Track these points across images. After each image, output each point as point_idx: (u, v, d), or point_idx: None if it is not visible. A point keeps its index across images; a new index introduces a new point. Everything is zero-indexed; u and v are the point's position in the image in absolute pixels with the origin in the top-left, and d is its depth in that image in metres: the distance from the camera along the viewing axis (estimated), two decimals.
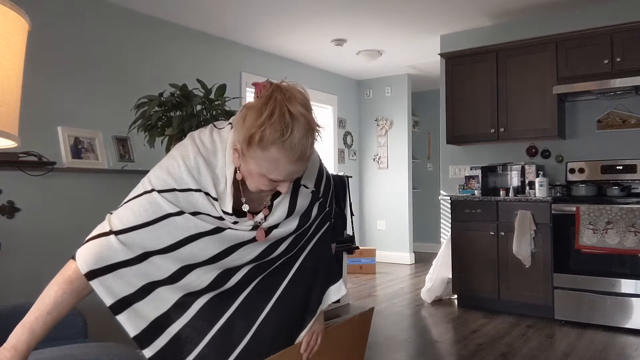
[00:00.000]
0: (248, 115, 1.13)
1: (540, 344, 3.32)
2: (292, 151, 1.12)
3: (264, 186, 1.19)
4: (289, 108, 1.11)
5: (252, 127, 1.10)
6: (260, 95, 1.14)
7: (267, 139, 1.10)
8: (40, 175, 2.29)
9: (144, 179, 1.23)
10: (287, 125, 1.10)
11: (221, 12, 4.40)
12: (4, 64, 0.88)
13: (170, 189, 1.19)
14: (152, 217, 1.19)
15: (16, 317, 1.72)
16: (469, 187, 4.66)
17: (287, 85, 1.16)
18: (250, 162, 1.15)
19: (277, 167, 1.14)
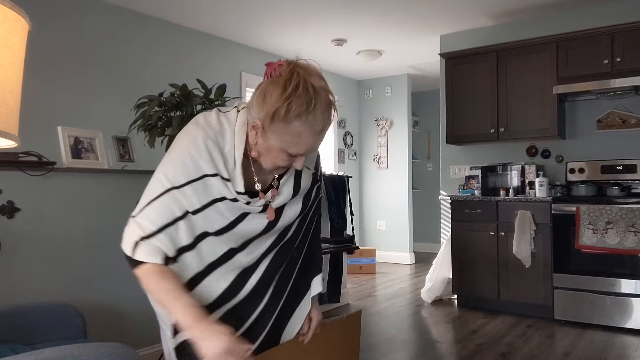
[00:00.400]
0: (270, 91, 1.17)
1: (540, 344, 3.32)
2: (314, 124, 1.17)
3: (282, 161, 1.23)
4: (311, 82, 1.17)
5: (278, 102, 1.14)
6: (274, 74, 1.18)
7: (293, 112, 1.14)
8: (40, 175, 2.29)
9: (159, 176, 1.24)
10: (311, 99, 1.15)
11: (221, 12, 4.40)
12: (4, 64, 0.88)
13: (187, 182, 1.21)
14: (177, 214, 1.22)
15: (16, 317, 1.73)
16: (469, 187, 4.66)
17: (304, 62, 1.21)
18: (272, 137, 1.19)
19: (299, 141, 1.19)
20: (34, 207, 2.31)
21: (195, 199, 1.22)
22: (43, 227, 2.35)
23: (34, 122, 3.39)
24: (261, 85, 1.21)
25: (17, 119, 0.95)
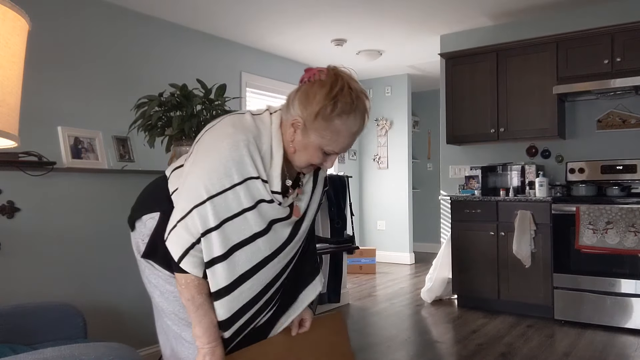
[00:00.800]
0: (314, 91, 1.28)
1: (540, 344, 3.32)
2: (354, 123, 1.30)
3: (317, 159, 1.33)
4: (354, 86, 1.30)
5: (324, 100, 1.26)
6: (313, 78, 1.30)
7: (337, 110, 1.26)
8: (40, 175, 2.29)
9: (199, 182, 1.26)
10: (353, 100, 1.28)
11: (221, 12, 4.40)
12: (4, 64, 0.88)
13: (231, 186, 1.25)
14: (212, 225, 1.25)
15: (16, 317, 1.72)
16: (469, 187, 4.66)
17: (344, 68, 1.34)
18: (312, 135, 1.30)
19: (337, 139, 1.30)
20: (34, 207, 2.31)
21: (235, 204, 1.26)
22: (43, 227, 2.35)
23: (34, 122, 3.38)
24: (301, 87, 1.32)
25: (17, 119, 0.95)
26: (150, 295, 1.48)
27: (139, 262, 1.48)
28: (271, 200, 1.31)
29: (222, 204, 1.24)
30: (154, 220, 1.42)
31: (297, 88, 1.33)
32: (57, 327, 1.77)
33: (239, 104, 5.11)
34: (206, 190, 1.24)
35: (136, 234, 1.46)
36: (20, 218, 2.25)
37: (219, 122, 1.35)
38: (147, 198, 1.50)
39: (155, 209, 1.42)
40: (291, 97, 1.33)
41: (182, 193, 1.30)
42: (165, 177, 1.47)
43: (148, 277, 1.45)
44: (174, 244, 1.27)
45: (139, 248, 1.45)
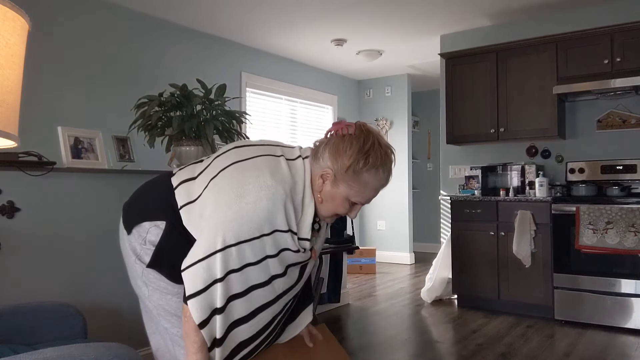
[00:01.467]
0: (345, 146, 1.34)
1: (540, 344, 3.32)
2: (382, 177, 1.38)
3: (343, 209, 1.40)
4: (383, 142, 1.38)
5: (357, 155, 1.33)
6: (341, 132, 1.37)
7: (368, 165, 1.34)
8: (40, 175, 2.29)
9: (226, 228, 1.27)
10: (382, 156, 1.36)
11: (221, 12, 4.40)
12: (4, 64, 0.88)
13: (260, 235, 1.28)
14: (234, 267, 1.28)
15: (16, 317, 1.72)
16: (469, 187, 4.66)
17: (371, 125, 1.42)
18: (341, 186, 1.36)
19: (364, 191, 1.38)
20: (34, 207, 2.31)
21: (260, 252, 1.29)
22: (43, 227, 2.35)
23: (34, 122, 3.39)
24: (331, 140, 1.38)
25: (17, 119, 0.95)
26: (144, 297, 1.45)
27: (134, 264, 1.44)
28: (297, 250, 1.35)
29: (247, 251, 1.27)
30: (159, 229, 1.39)
31: (326, 139, 1.40)
32: (57, 327, 1.77)
33: (239, 104, 5.11)
34: (235, 237, 1.26)
35: (133, 237, 1.43)
36: (20, 218, 2.25)
37: (251, 160, 1.35)
38: (149, 204, 1.46)
39: (160, 217, 1.39)
40: (320, 148, 1.39)
41: (208, 230, 1.28)
42: (170, 184, 1.43)
43: (147, 280, 1.42)
44: (190, 280, 1.27)
45: (135, 251, 1.42)
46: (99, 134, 2.66)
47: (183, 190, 1.40)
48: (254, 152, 1.38)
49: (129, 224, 1.45)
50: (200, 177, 1.40)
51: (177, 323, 1.40)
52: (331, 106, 6.66)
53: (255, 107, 5.54)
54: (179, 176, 1.45)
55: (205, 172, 1.40)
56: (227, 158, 1.38)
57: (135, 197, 1.54)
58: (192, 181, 1.40)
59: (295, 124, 6.15)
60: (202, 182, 1.38)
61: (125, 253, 1.48)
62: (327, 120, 6.65)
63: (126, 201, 1.55)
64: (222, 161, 1.39)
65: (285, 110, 6.00)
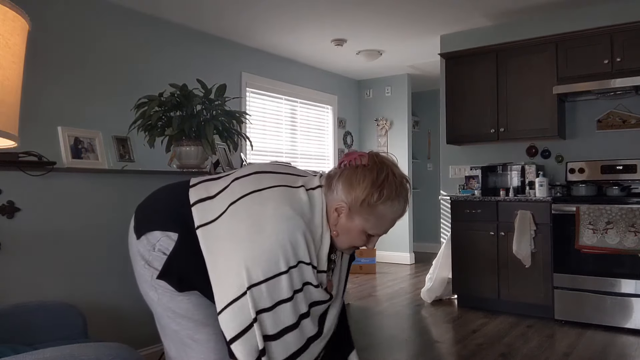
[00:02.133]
0: (358, 178, 1.31)
1: (540, 344, 3.32)
2: (398, 208, 1.35)
3: (360, 241, 1.38)
4: (397, 173, 1.36)
5: (370, 188, 1.30)
6: (354, 163, 1.35)
7: (383, 197, 1.30)
8: (40, 175, 2.29)
9: (252, 264, 1.25)
10: (397, 187, 1.33)
11: (221, 12, 4.40)
12: (4, 64, 0.88)
13: (285, 271, 1.25)
14: (282, 297, 1.27)
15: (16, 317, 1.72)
16: (469, 187, 4.66)
17: (385, 154, 1.40)
18: (357, 219, 1.33)
19: (381, 223, 1.35)
20: (34, 207, 2.31)
21: (290, 286, 1.26)
22: (43, 227, 2.35)
23: (34, 122, 3.38)
24: (344, 172, 1.35)
25: (17, 119, 0.95)
26: (152, 302, 1.43)
27: (142, 269, 1.41)
28: (317, 285, 1.32)
29: (276, 287, 1.25)
30: (170, 240, 1.37)
31: (340, 170, 1.36)
32: (57, 327, 1.77)
33: (239, 104, 5.10)
34: (263, 273, 1.24)
35: (141, 244, 1.41)
36: (20, 218, 2.25)
37: (268, 191, 1.32)
38: (164, 213, 1.43)
39: (173, 229, 1.37)
40: (334, 180, 1.35)
41: (234, 268, 1.25)
42: (187, 198, 1.40)
43: (155, 284, 1.39)
44: (227, 325, 1.25)
45: (144, 257, 1.40)
46: (99, 134, 2.66)
47: (200, 208, 1.36)
48: (273, 181, 1.36)
49: (139, 230, 1.43)
50: (218, 199, 1.36)
51: (186, 325, 1.38)
52: (331, 106, 6.66)
53: (255, 107, 5.54)
54: (197, 192, 1.41)
55: (223, 194, 1.37)
56: (246, 185, 1.35)
57: (150, 202, 1.51)
58: (210, 200, 1.37)
59: (295, 124, 6.15)
60: (220, 205, 1.35)
61: (133, 257, 1.46)
62: (327, 120, 6.65)
63: (140, 204, 1.52)
64: (240, 187, 1.36)
65: (285, 110, 6.00)
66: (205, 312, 1.39)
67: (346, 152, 1.39)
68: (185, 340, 1.40)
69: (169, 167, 3.02)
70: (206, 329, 1.39)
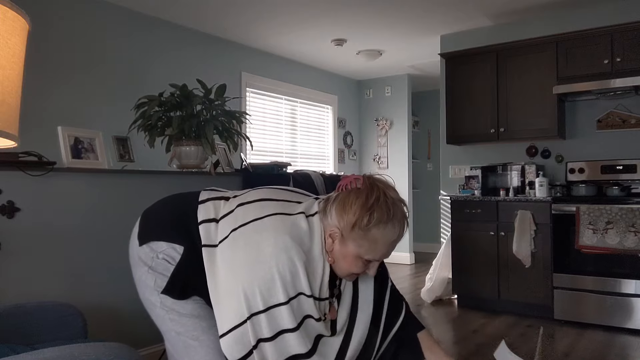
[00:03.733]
0: (350, 202, 1.29)
1: (540, 344, 3.32)
2: (392, 232, 1.30)
3: (357, 268, 1.33)
4: (390, 195, 1.32)
5: (360, 211, 1.27)
6: (350, 187, 1.32)
7: (374, 221, 1.27)
8: (40, 175, 2.29)
9: (253, 291, 1.25)
10: (389, 209, 1.29)
11: (221, 12, 4.40)
12: (4, 64, 0.88)
13: (287, 300, 1.25)
14: (285, 327, 1.26)
15: (16, 317, 1.72)
16: (469, 187, 4.66)
17: (379, 176, 1.36)
18: (350, 245, 1.30)
19: (376, 248, 1.30)
20: (34, 207, 2.31)
21: (288, 320, 1.25)
22: (43, 227, 2.35)
23: (34, 122, 3.38)
24: (338, 196, 1.33)
25: (17, 119, 0.95)
26: (154, 306, 1.42)
27: (145, 274, 1.41)
28: (319, 319, 1.30)
29: (276, 317, 1.25)
30: (176, 252, 1.37)
31: (335, 195, 1.35)
32: (57, 327, 1.77)
33: (239, 104, 5.10)
34: (263, 302, 1.24)
35: (143, 251, 1.41)
36: (20, 218, 2.25)
37: (268, 219, 1.32)
38: (171, 224, 1.43)
39: (179, 242, 1.38)
40: (329, 204, 1.34)
41: (232, 294, 1.26)
42: (196, 213, 1.41)
43: (159, 287, 1.39)
44: (229, 350, 1.27)
45: (146, 263, 1.40)
46: (99, 134, 2.66)
47: (206, 228, 1.38)
48: (274, 208, 1.35)
49: (143, 237, 1.43)
50: (222, 222, 1.37)
51: (191, 326, 1.37)
52: (331, 106, 6.66)
53: (255, 107, 5.54)
54: (205, 210, 1.42)
55: (227, 219, 1.37)
56: (249, 212, 1.35)
57: (158, 210, 1.51)
58: (215, 224, 1.38)
59: (295, 124, 6.15)
60: (223, 229, 1.35)
61: (133, 262, 1.45)
62: (327, 120, 6.65)
63: (147, 210, 1.52)
64: (244, 214, 1.36)
65: (285, 110, 6.00)
66: (210, 312, 1.39)
67: (344, 176, 1.37)
68: (188, 342, 1.38)
69: (169, 167, 3.02)
70: (212, 330, 1.38)
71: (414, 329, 1.59)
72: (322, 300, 1.32)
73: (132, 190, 2.67)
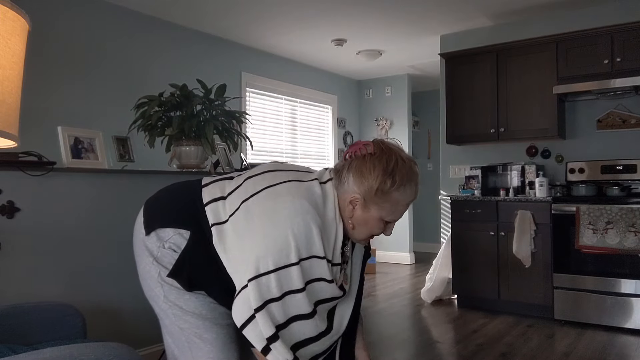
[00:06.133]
0: (368, 168, 1.31)
1: (540, 344, 3.32)
2: (410, 192, 1.35)
3: (378, 229, 1.39)
4: (405, 157, 1.35)
5: (382, 176, 1.30)
6: (360, 153, 1.34)
7: (396, 184, 1.31)
8: (40, 175, 2.29)
9: (267, 252, 1.26)
10: (407, 172, 1.33)
11: (221, 12, 4.40)
12: (4, 64, 0.88)
13: (298, 261, 1.26)
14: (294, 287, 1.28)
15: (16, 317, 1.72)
16: (469, 187, 4.66)
17: (390, 140, 1.39)
18: (372, 208, 1.34)
19: (397, 208, 1.36)
20: (34, 207, 2.31)
21: (298, 281, 1.27)
22: (43, 227, 2.35)
23: (34, 122, 3.38)
24: (352, 163, 1.34)
25: (17, 119, 0.95)
26: (158, 299, 1.40)
27: (149, 265, 1.40)
28: (331, 280, 1.32)
29: (286, 277, 1.25)
30: (182, 238, 1.37)
31: (347, 163, 1.36)
32: (56, 327, 1.77)
33: (239, 104, 5.11)
34: (274, 262, 1.25)
35: (150, 240, 1.40)
36: (20, 218, 2.25)
37: (282, 185, 1.33)
38: (176, 210, 1.43)
39: (185, 227, 1.38)
40: (343, 172, 1.35)
41: (245, 259, 1.28)
42: (200, 196, 1.41)
43: (162, 281, 1.38)
44: (236, 312, 1.29)
45: (153, 253, 1.39)
46: (99, 134, 2.66)
47: (214, 208, 1.38)
48: (286, 176, 1.37)
49: (149, 225, 1.42)
50: (231, 198, 1.37)
51: (195, 323, 1.36)
52: (331, 106, 6.66)
53: (255, 107, 5.54)
54: (210, 191, 1.42)
55: (235, 193, 1.38)
56: (259, 182, 1.36)
57: (162, 198, 1.50)
58: (223, 201, 1.38)
59: (295, 124, 6.15)
60: (232, 203, 1.36)
61: (139, 252, 1.44)
62: (327, 120, 6.65)
63: (150, 199, 1.51)
64: (254, 184, 1.36)
65: (285, 110, 6.00)
66: (214, 310, 1.39)
67: (351, 144, 1.39)
68: (192, 338, 1.38)
69: (169, 167, 3.02)
70: (215, 328, 1.38)
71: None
72: (335, 265, 1.35)
73: (132, 190, 2.67)
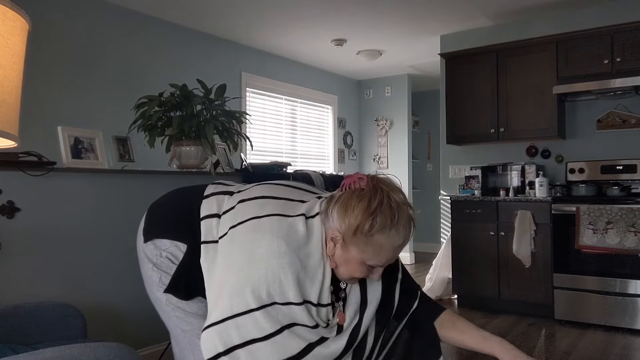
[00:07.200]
0: (352, 205, 1.20)
1: (541, 344, 3.32)
2: (396, 237, 1.22)
3: (359, 273, 1.26)
4: (394, 198, 1.22)
5: (362, 216, 1.19)
6: (353, 186, 1.24)
7: (377, 226, 1.19)
8: (40, 175, 2.29)
9: (240, 290, 1.20)
10: (394, 214, 1.20)
11: (221, 12, 4.40)
12: (4, 64, 0.88)
13: (271, 303, 1.19)
14: (262, 334, 1.20)
15: (16, 317, 1.72)
16: (469, 187, 4.66)
17: (384, 177, 1.27)
18: (352, 249, 1.22)
19: (380, 253, 1.23)
20: (34, 207, 2.31)
21: (269, 325, 1.19)
22: (43, 227, 2.35)
23: (34, 122, 3.38)
24: (341, 197, 1.24)
25: (17, 119, 0.95)
26: (161, 303, 1.42)
27: (150, 271, 1.41)
28: (315, 325, 1.24)
29: (248, 323, 1.19)
30: (179, 250, 1.37)
31: (338, 195, 1.26)
32: (57, 327, 1.77)
33: (239, 104, 5.10)
34: (245, 304, 1.19)
35: (148, 248, 1.41)
36: (20, 218, 2.25)
37: (267, 219, 1.26)
38: (175, 221, 1.42)
39: (182, 240, 1.37)
40: (331, 205, 1.26)
41: (222, 292, 1.23)
42: (199, 210, 1.39)
43: (164, 285, 1.40)
44: (203, 346, 1.23)
45: (151, 260, 1.40)
46: (99, 134, 2.66)
47: (208, 224, 1.36)
48: (273, 207, 1.30)
49: (148, 234, 1.43)
50: (224, 219, 1.35)
51: (198, 325, 1.36)
52: (331, 106, 6.66)
53: (255, 107, 5.54)
54: (208, 205, 1.39)
55: (228, 215, 1.35)
56: (248, 209, 1.32)
57: (163, 205, 1.50)
58: (217, 219, 1.36)
59: (295, 124, 6.15)
60: (223, 225, 1.33)
61: (140, 257, 1.46)
62: (327, 120, 6.65)
63: (153, 204, 1.51)
64: (244, 211, 1.32)
65: (285, 110, 6.00)
66: None
67: (348, 175, 1.29)
68: (193, 340, 1.38)
69: (169, 167, 3.02)
70: None
71: (429, 315, 1.55)
72: (324, 307, 1.27)
73: (132, 190, 2.67)
